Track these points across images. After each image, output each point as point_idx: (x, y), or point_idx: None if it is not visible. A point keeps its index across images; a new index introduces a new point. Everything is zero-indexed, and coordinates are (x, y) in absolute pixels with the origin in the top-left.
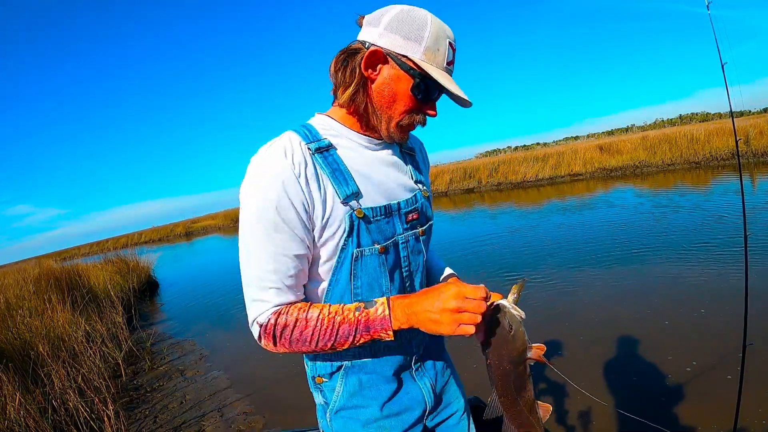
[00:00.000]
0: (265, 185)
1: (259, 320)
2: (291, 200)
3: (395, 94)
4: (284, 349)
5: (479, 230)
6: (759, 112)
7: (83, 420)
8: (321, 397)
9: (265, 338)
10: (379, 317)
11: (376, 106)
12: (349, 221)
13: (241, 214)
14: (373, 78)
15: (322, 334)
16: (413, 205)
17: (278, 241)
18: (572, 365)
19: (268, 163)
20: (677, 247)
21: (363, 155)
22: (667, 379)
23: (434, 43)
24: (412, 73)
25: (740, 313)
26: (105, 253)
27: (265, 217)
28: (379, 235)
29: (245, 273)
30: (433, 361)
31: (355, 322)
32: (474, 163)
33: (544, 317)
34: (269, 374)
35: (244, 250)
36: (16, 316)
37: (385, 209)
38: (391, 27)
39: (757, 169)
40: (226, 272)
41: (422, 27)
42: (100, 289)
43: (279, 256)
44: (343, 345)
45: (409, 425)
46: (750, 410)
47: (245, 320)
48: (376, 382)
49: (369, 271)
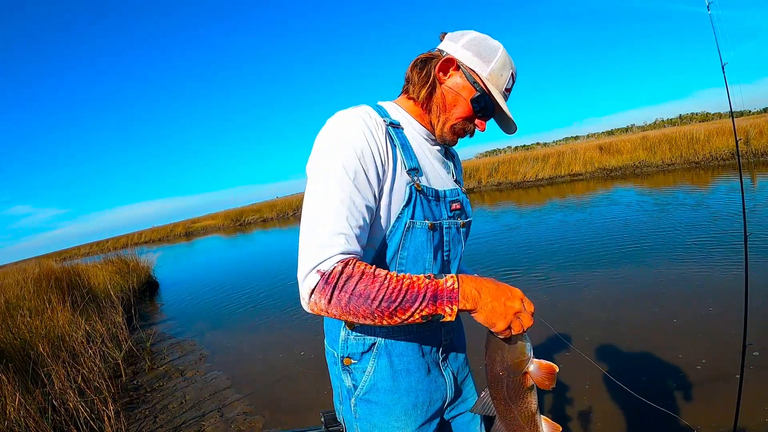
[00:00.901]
0: (350, 136)
1: (321, 267)
2: (372, 154)
3: (457, 99)
4: (337, 309)
5: (480, 228)
6: (759, 112)
7: (83, 420)
8: (350, 380)
9: (322, 291)
10: (448, 288)
11: (438, 106)
12: (408, 192)
13: (318, 163)
14: (442, 81)
15: (389, 292)
16: (456, 197)
17: (356, 189)
18: (577, 365)
19: (353, 120)
20: (677, 246)
21: (421, 144)
22: (676, 378)
23: (500, 69)
24: (476, 86)
25: (755, 311)
26: (105, 253)
27: (349, 164)
28: (430, 213)
29: (312, 218)
30: (456, 353)
31: (425, 288)
32: (474, 162)
33: (549, 317)
34: (269, 374)
35: (316, 196)
36: (16, 316)
37: (435, 193)
38: (468, 45)
39: (757, 168)
40: (226, 272)
41: (493, 53)
42: (100, 289)
43: (354, 204)
44: (405, 312)
45: (432, 414)
46: (752, 409)
47: (245, 320)
48: (406, 366)
49: (416, 245)
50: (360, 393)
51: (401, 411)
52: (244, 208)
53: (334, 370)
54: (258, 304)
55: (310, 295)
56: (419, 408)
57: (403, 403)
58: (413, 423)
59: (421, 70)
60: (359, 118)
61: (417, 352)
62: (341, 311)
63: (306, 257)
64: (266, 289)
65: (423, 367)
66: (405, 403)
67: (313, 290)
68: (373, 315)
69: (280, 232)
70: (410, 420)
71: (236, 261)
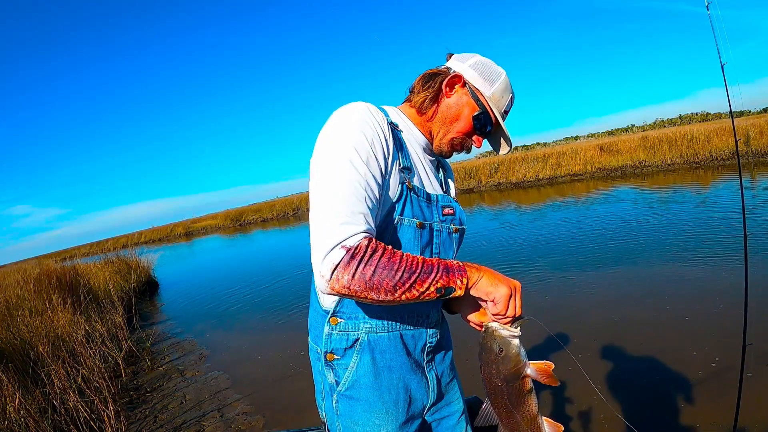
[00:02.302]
0: (359, 122)
1: (347, 243)
2: (380, 140)
3: (460, 114)
4: (360, 284)
5: (479, 227)
6: (759, 112)
7: (83, 420)
8: (332, 376)
9: (347, 266)
10: (456, 264)
11: (440, 118)
12: (400, 189)
13: (329, 147)
14: (448, 95)
15: (409, 264)
16: (448, 202)
17: (369, 172)
18: (584, 364)
19: (362, 109)
20: (677, 245)
21: (416, 150)
22: (683, 377)
23: (501, 92)
24: (478, 104)
25: (752, 311)
26: (105, 253)
27: (361, 147)
28: (420, 213)
29: (331, 197)
30: (442, 355)
31: (437, 263)
32: (474, 163)
33: (553, 318)
34: (269, 374)
35: (333, 177)
36: (17, 315)
37: (427, 195)
38: (475, 66)
39: (757, 168)
40: (226, 272)
41: (497, 76)
42: (101, 289)
43: (368, 185)
44: (424, 283)
45: (413, 414)
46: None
47: (245, 320)
48: (388, 363)
49: (404, 242)
50: (342, 389)
51: (382, 408)
52: (244, 208)
53: (317, 366)
54: (258, 304)
55: (332, 271)
56: (400, 406)
57: (384, 401)
58: (394, 421)
59: (428, 81)
60: (366, 108)
61: (401, 351)
62: (364, 286)
63: (328, 235)
64: (266, 289)
65: (406, 365)
66: (386, 400)
67: (337, 266)
68: (395, 288)
69: (280, 232)
70: (391, 418)
71: (236, 261)
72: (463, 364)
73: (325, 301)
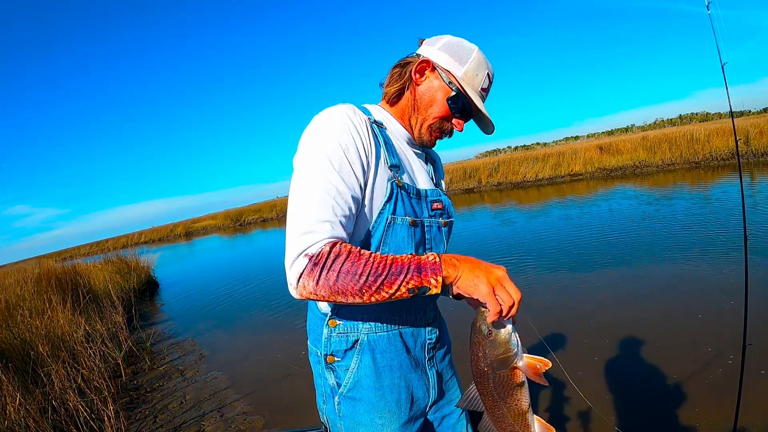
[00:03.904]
0: (335, 129)
1: (310, 251)
2: (357, 146)
3: (433, 99)
4: (325, 290)
5: (480, 224)
6: (759, 112)
7: (83, 420)
8: (333, 378)
9: (310, 273)
10: (431, 261)
11: (415, 106)
12: (390, 188)
13: (305, 155)
14: (419, 83)
15: (375, 267)
16: (437, 197)
17: (340, 179)
18: (581, 364)
19: (338, 115)
20: (677, 246)
21: (402, 144)
22: (682, 377)
23: (475, 69)
24: (451, 86)
25: (752, 311)
26: (105, 253)
27: (334, 156)
28: (411, 210)
29: (299, 207)
30: (442, 353)
31: (408, 262)
32: (474, 163)
33: (552, 318)
34: (269, 374)
35: (302, 187)
36: (17, 316)
37: (417, 191)
38: (444, 48)
39: (757, 168)
40: (226, 272)
41: (468, 54)
42: (101, 289)
43: (339, 193)
44: (392, 285)
45: (416, 413)
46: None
47: (245, 320)
48: (389, 363)
49: (397, 241)
50: (344, 390)
51: (385, 408)
52: (244, 208)
53: (317, 369)
54: (258, 304)
55: (298, 279)
56: (403, 405)
57: (386, 400)
58: (397, 420)
59: (399, 73)
60: (343, 114)
61: (401, 349)
62: (329, 291)
63: (293, 244)
64: (266, 289)
65: (406, 364)
66: (389, 399)
67: (302, 274)
68: (361, 291)
69: (280, 232)
70: (394, 417)
71: (236, 261)
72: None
73: (322, 304)
